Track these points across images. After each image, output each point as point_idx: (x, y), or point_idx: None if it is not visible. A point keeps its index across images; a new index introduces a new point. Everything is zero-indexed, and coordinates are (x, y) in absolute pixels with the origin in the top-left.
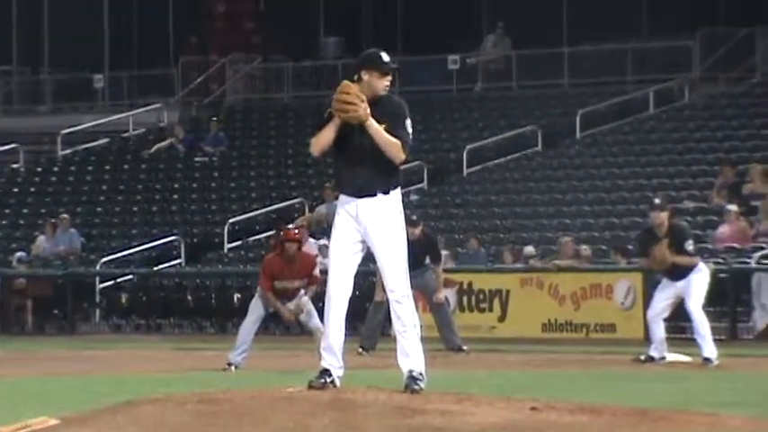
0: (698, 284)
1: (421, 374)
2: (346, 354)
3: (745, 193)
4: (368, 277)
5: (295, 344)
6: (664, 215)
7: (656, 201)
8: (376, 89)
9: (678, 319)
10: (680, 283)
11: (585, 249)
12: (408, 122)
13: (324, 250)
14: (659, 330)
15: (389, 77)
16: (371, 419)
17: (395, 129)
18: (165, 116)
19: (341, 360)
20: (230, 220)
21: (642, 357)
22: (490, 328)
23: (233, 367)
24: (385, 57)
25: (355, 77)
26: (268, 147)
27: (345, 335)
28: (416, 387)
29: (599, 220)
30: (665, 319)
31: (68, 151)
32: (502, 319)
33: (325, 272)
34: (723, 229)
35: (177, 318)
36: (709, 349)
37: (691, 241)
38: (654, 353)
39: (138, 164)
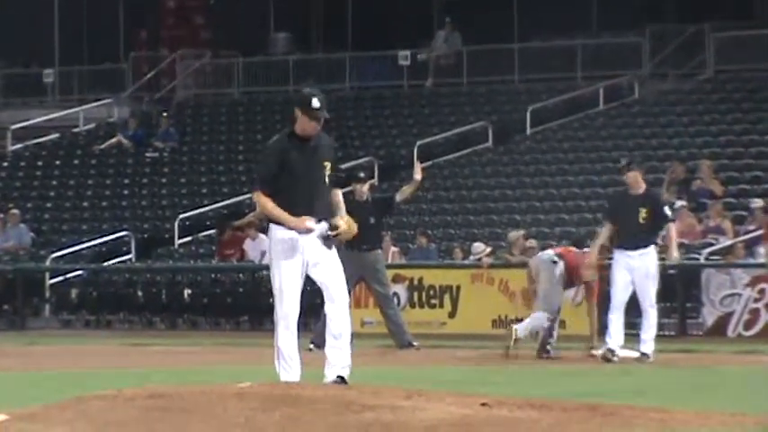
0: (653, 269)
1: None
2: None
3: (695, 189)
4: None
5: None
6: (635, 173)
7: (623, 161)
8: (306, 130)
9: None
10: (637, 257)
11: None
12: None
13: None
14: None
15: (318, 123)
16: (321, 415)
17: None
18: (115, 111)
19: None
20: (180, 216)
21: (599, 352)
22: (441, 324)
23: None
24: (315, 103)
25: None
26: (218, 142)
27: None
28: None
29: (549, 215)
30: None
31: (18, 146)
32: (452, 314)
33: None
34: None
35: (127, 313)
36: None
37: (667, 206)
38: (614, 346)
39: (89, 159)
